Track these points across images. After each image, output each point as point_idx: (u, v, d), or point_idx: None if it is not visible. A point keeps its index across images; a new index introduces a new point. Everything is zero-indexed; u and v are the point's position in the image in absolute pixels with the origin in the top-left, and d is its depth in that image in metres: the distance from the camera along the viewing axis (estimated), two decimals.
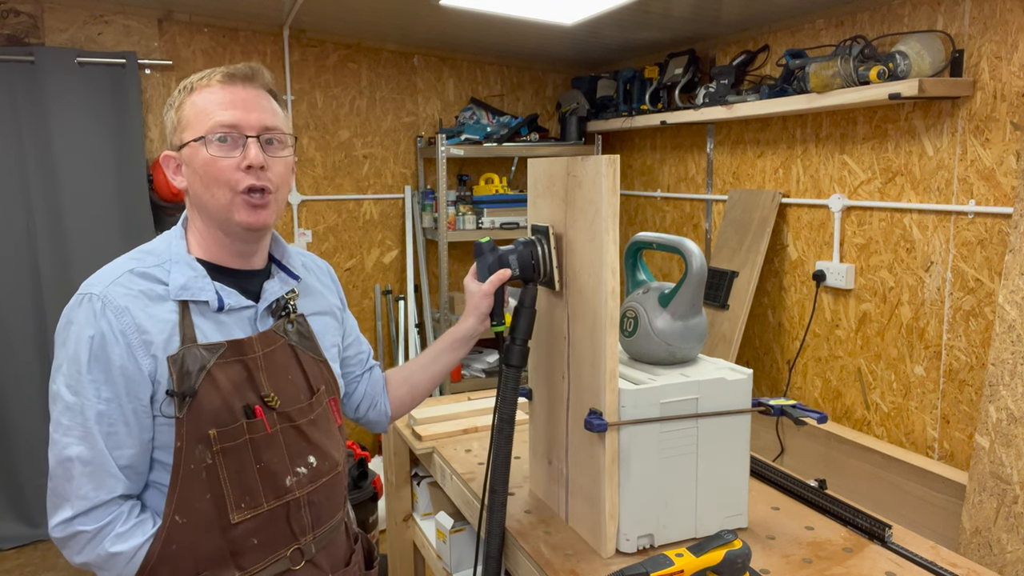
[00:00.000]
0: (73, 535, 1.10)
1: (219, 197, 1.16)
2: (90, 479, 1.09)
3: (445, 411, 1.99)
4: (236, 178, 1.15)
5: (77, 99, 3.27)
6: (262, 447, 1.16)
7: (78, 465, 1.09)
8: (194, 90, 1.18)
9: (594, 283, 1.25)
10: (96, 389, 1.10)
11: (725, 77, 2.97)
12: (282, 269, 1.31)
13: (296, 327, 1.27)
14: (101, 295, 1.11)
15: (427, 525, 2.00)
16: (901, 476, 2.33)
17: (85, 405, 1.09)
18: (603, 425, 1.23)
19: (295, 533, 1.20)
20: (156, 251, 1.20)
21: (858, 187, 2.60)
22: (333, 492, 1.28)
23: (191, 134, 1.16)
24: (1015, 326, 1.95)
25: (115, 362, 1.10)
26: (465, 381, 3.88)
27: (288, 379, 1.22)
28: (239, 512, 1.14)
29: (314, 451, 1.23)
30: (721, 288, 2.96)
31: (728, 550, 1.14)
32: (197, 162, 1.16)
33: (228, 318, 1.19)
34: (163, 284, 1.15)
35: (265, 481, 1.16)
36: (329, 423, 1.29)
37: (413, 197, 4.02)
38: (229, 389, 1.14)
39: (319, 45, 3.77)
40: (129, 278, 1.14)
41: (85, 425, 1.09)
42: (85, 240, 3.32)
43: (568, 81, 4.26)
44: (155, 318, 1.13)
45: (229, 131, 1.15)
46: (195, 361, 1.12)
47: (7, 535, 3.33)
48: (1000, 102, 2.13)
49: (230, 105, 1.16)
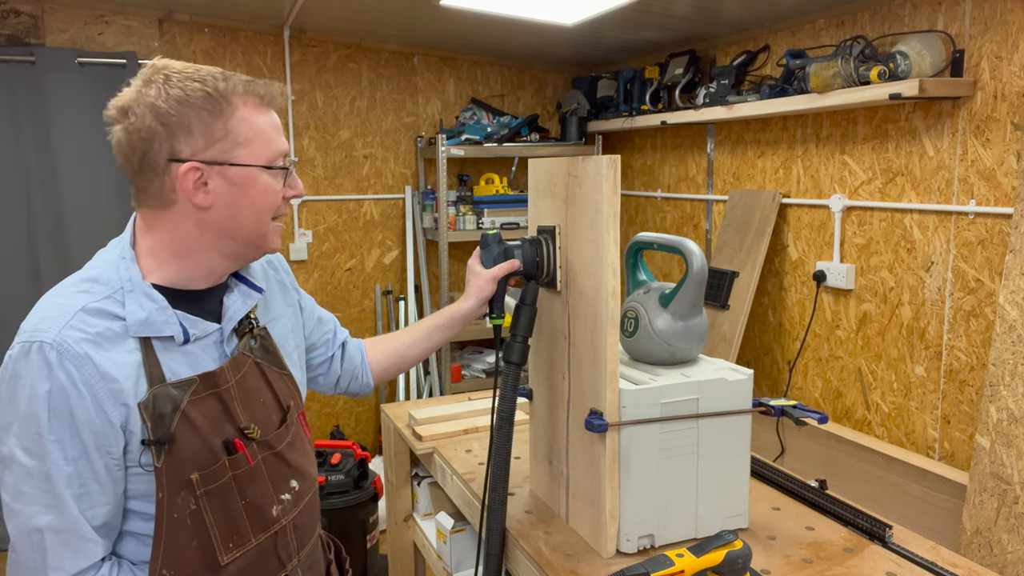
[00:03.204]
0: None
1: (262, 224, 1.11)
2: (65, 547, 0.99)
3: (445, 411, 1.99)
4: (281, 206, 1.14)
5: (78, 99, 3.27)
6: (245, 482, 1.10)
7: (49, 535, 0.98)
8: (235, 104, 1.06)
9: (595, 283, 1.25)
10: (61, 449, 0.97)
11: (725, 77, 2.97)
12: (242, 281, 1.21)
13: (260, 341, 1.19)
14: (55, 343, 0.97)
15: (427, 525, 2.00)
16: (902, 476, 2.33)
17: (51, 470, 0.97)
18: (604, 425, 1.23)
19: (282, 561, 1.17)
20: (103, 279, 1.05)
21: (858, 187, 2.60)
22: (313, 510, 1.26)
23: (250, 156, 1.07)
24: (1016, 326, 1.95)
25: (80, 417, 0.97)
26: (465, 381, 3.88)
27: (260, 403, 1.16)
28: (228, 552, 1.08)
29: (295, 474, 1.19)
30: (721, 288, 2.96)
31: (729, 550, 1.14)
32: (254, 187, 1.08)
33: (195, 347, 1.09)
34: (119, 319, 1.02)
35: (252, 516, 1.11)
36: (303, 441, 1.25)
37: (413, 197, 4.02)
38: (207, 427, 1.06)
39: (319, 45, 3.78)
40: (82, 318, 1.00)
41: (52, 491, 0.98)
42: (85, 240, 3.32)
43: (568, 81, 4.26)
44: (118, 362, 1.00)
45: (286, 160, 1.13)
46: (167, 403, 1.02)
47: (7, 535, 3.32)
48: (1000, 102, 2.13)
49: (280, 131, 1.13)
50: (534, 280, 1.39)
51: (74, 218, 3.30)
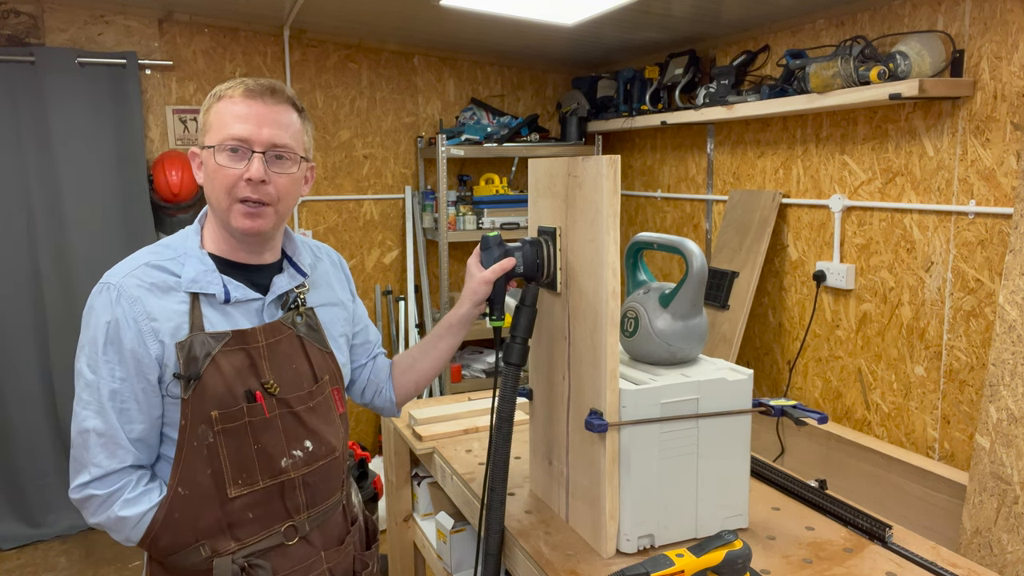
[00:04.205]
0: (88, 498, 1.21)
1: (221, 201, 1.25)
2: (104, 449, 1.20)
3: (445, 411, 1.99)
4: (238, 187, 1.23)
5: (77, 99, 3.27)
6: (260, 429, 1.25)
7: (94, 436, 1.20)
8: (221, 98, 1.26)
9: (595, 283, 1.25)
10: (110, 369, 1.21)
11: (725, 77, 2.97)
12: (292, 265, 1.38)
13: (305, 319, 1.36)
14: (117, 285, 1.22)
15: (427, 525, 2.00)
16: (901, 476, 2.33)
17: (101, 383, 1.20)
18: (603, 425, 1.23)
19: (289, 511, 1.29)
20: (174, 245, 1.30)
21: (858, 187, 2.60)
22: (329, 475, 1.36)
23: (209, 140, 1.25)
24: (1015, 326, 1.95)
25: (127, 345, 1.20)
26: (465, 381, 3.88)
27: (292, 368, 1.31)
28: (236, 487, 1.24)
29: (311, 436, 1.32)
30: (721, 288, 2.96)
31: (728, 550, 1.14)
32: (209, 166, 1.25)
33: (235, 310, 1.28)
34: (176, 276, 1.25)
35: (261, 461, 1.25)
36: (329, 411, 1.37)
37: (413, 197, 4.03)
38: (232, 375, 1.23)
39: (319, 45, 3.78)
40: (144, 270, 1.25)
41: (100, 401, 1.20)
42: (85, 240, 3.32)
43: (568, 81, 4.26)
44: (165, 307, 1.22)
45: (239, 144, 1.23)
46: (202, 348, 1.21)
47: (7, 535, 3.33)
48: (1000, 102, 2.13)
49: (246, 119, 1.23)
50: (534, 281, 1.39)
51: (74, 218, 3.30)
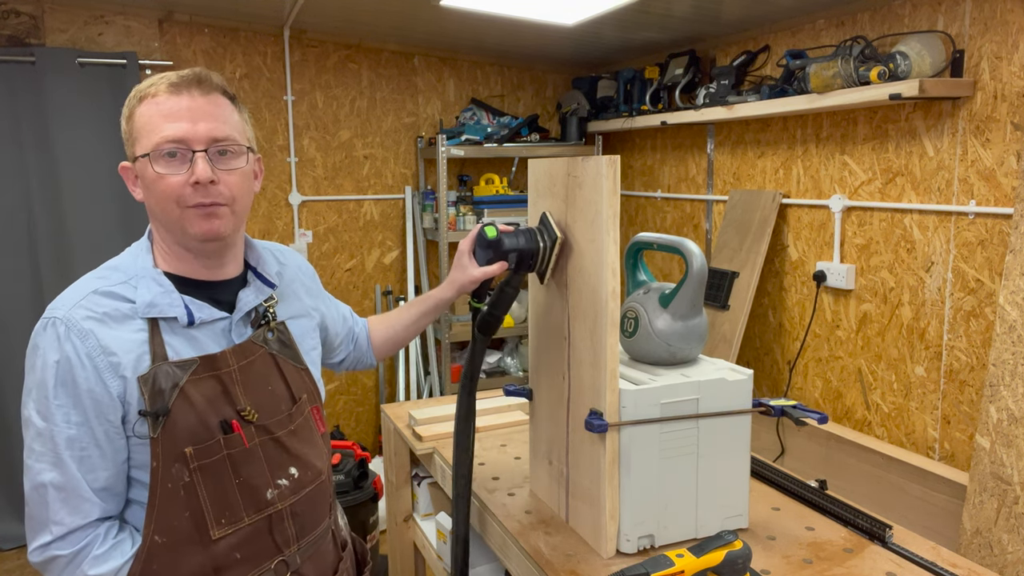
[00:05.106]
0: (51, 559, 1.09)
1: (170, 212, 1.13)
2: (64, 504, 1.08)
3: (445, 411, 1.98)
4: (184, 194, 1.11)
5: (78, 100, 3.26)
6: (240, 462, 1.15)
7: (52, 491, 1.08)
8: (143, 99, 1.13)
9: (595, 283, 1.25)
10: (64, 414, 1.08)
11: (725, 77, 2.97)
12: (258, 277, 1.27)
13: (277, 335, 1.25)
14: (64, 318, 1.09)
15: (427, 526, 1.99)
16: (902, 477, 2.33)
17: (55, 431, 1.08)
18: (603, 425, 1.23)
19: (279, 545, 1.19)
20: (122, 267, 1.17)
21: (858, 187, 2.60)
22: (317, 501, 1.27)
23: (140, 148, 1.13)
24: (1016, 326, 1.95)
25: (82, 386, 1.08)
26: None
27: (268, 390, 1.21)
28: (220, 528, 1.13)
29: (295, 462, 1.22)
30: (721, 288, 2.96)
31: (729, 550, 1.14)
32: (147, 178, 1.13)
33: (200, 332, 1.16)
34: (129, 302, 1.13)
35: (245, 495, 1.15)
36: (311, 432, 1.28)
37: (413, 197, 4.03)
38: (204, 405, 1.12)
39: (320, 45, 3.78)
40: (93, 299, 1.11)
41: (55, 451, 1.08)
42: (85, 240, 3.32)
43: (568, 81, 4.26)
44: (121, 339, 1.10)
45: (176, 146, 1.10)
46: (167, 379, 1.10)
47: (7, 535, 3.33)
48: (1000, 102, 2.13)
49: (177, 116, 1.11)
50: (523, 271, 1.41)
51: (74, 218, 3.30)
